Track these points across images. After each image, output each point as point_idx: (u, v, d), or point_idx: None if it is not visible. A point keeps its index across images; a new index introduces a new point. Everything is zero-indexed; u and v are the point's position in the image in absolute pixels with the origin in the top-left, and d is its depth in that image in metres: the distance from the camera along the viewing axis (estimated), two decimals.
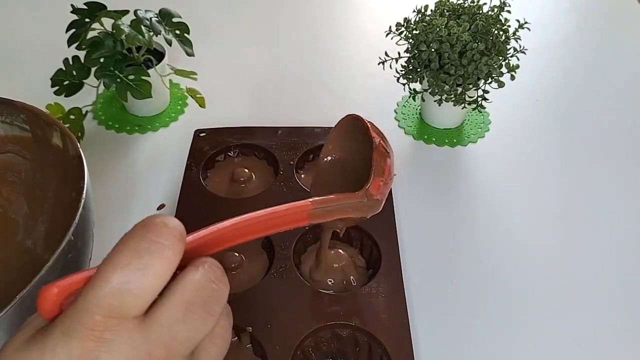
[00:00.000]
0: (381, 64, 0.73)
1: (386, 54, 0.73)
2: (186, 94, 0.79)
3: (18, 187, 0.61)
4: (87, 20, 0.71)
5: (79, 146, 0.54)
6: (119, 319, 0.28)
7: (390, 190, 0.66)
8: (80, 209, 0.48)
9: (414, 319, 0.58)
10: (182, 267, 0.30)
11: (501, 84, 0.71)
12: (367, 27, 0.97)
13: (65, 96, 0.71)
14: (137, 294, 0.28)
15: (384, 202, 0.48)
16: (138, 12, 0.72)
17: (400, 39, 0.72)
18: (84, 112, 0.73)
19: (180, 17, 0.75)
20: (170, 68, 0.76)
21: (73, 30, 0.71)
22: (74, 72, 0.71)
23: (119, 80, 0.69)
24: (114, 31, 0.69)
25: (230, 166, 0.70)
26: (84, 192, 0.50)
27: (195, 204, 0.64)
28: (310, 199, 0.41)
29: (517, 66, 0.70)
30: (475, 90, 0.72)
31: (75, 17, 0.71)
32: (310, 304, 0.56)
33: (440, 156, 0.76)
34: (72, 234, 0.47)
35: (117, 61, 0.70)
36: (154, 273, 0.28)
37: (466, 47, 0.68)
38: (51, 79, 0.71)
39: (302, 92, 0.85)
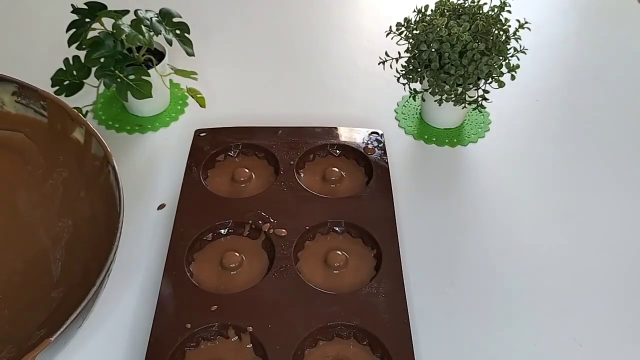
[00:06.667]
0: (381, 64, 0.73)
1: (386, 54, 0.73)
2: (186, 94, 0.79)
3: (22, 170, 0.61)
4: (87, 20, 0.71)
5: (111, 156, 0.56)
6: None
7: (391, 190, 0.66)
8: (119, 233, 0.50)
9: (414, 319, 0.58)
10: None
11: (501, 84, 0.71)
12: (367, 27, 0.97)
13: (65, 96, 0.71)
14: None
15: None
16: (138, 12, 0.72)
17: (401, 39, 0.72)
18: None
19: (180, 17, 0.75)
20: (171, 68, 0.76)
21: (73, 30, 0.71)
22: (74, 72, 0.71)
23: (119, 80, 0.70)
24: (115, 31, 0.69)
25: (230, 166, 0.70)
26: (121, 211, 0.51)
27: (196, 204, 0.64)
28: None
29: (517, 66, 0.70)
30: (475, 90, 0.72)
31: (75, 17, 0.72)
32: (310, 304, 0.56)
33: (440, 156, 0.76)
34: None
35: (117, 61, 0.70)
36: None
37: (466, 47, 0.68)
38: (51, 78, 0.71)
39: (302, 92, 0.85)
